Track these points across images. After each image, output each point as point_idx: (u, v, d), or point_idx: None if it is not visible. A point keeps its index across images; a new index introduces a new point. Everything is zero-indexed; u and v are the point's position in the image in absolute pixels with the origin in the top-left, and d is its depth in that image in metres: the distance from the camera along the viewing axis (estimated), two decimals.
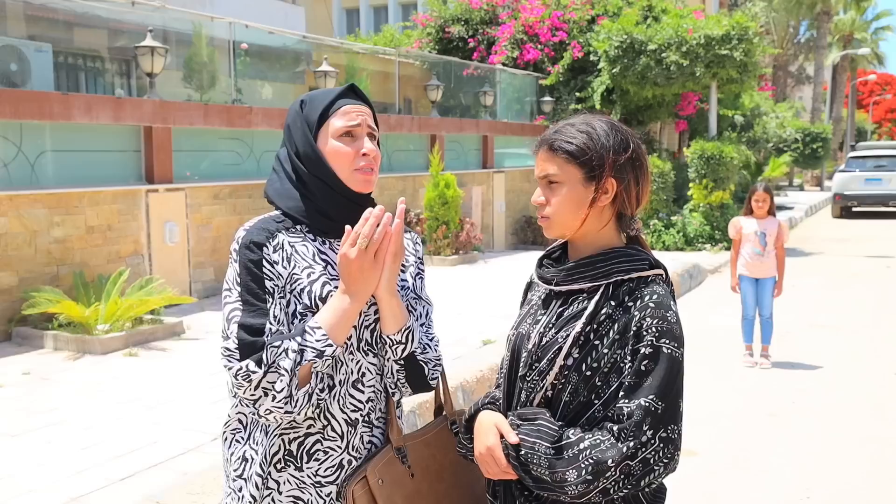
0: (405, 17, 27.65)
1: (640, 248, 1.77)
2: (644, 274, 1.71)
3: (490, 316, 7.66)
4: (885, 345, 7.62)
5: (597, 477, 1.57)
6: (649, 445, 1.58)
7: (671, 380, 1.62)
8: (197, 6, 13.52)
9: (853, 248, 15.24)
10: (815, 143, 28.60)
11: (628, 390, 1.62)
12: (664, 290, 1.71)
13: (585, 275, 1.73)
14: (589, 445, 1.60)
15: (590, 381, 1.68)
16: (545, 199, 1.76)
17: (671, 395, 1.62)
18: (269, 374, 1.67)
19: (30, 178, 7.37)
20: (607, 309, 1.69)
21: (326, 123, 1.83)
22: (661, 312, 1.65)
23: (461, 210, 12.22)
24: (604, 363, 1.67)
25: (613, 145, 1.71)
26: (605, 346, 1.67)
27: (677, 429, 1.62)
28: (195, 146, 9.02)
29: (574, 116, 1.80)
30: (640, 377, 1.62)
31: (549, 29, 16.70)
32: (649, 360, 1.63)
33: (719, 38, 14.23)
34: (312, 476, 1.81)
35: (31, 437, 4.50)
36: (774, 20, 38.02)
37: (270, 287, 1.75)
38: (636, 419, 1.58)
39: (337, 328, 1.72)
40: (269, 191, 1.88)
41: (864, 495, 4.33)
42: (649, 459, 1.58)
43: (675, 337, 1.65)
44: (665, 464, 1.59)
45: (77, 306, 6.64)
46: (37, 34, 10.14)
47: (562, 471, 1.60)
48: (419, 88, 15.11)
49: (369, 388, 1.84)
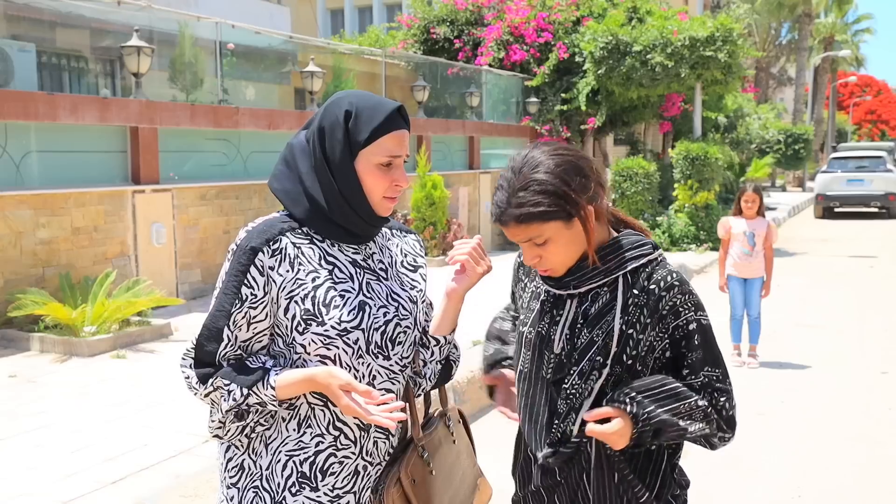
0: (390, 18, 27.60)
1: (633, 231, 1.84)
2: (653, 256, 1.80)
3: (479, 316, 7.64)
4: (871, 344, 7.68)
5: (732, 429, 1.81)
6: (733, 403, 1.79)
7: (715, 345, 1.80)
8: (182, 6, 13.44)
9: (836, 248, 15.36)
10: (798, 145, 28.77)
11: (692, 365, 1.77)
12: (672, 265, 1.81)
13: (599, 270, 1.78)
14: (705, 405, 1.77)
15: (631, 368, 1.76)
16: (538, 257, 1.77)
17: (720, 356, 1.81)
18: (208, 399, 1.75)
19: (15, 179, 7.30)
20: (632, 298, 1.76)
21: (371, 145, 1.76)
22: (688, 288, 1.78)
23: (448, 211, 12.22)
24: (641, 348, 1.75)
25: (570, 184, 1.71)
26: (638, 332, 1.75)
27: (730, 380, 1.83)
28: (182, 147, 8.97)
29: (514, 171, 1.76)
30: (696, 350, 1.77)
31: (534, 30, 16.72)
32: (698, 333, 1.77)
33: (704, 39, 14.31)
34: (329, 492, 1.78)
35: (20, 441, 4.46)
36: (756, 22, 38.25)
37: (246, 294, 1.73)
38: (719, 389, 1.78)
39: (287, 394, 1.73)
40: (277, 189, 1.82)
41: (855, 494, 4.36)
42: (734, 415, 1.80)
43: (702, 307, 1.81)
44: (735, 408, 1.81)
45: (63, 308, 6.59)
46: (20, 34, 10.05)
47: (690, 424, 1.75)
48: (405, 89, 15.09)
49: (380, 390, 1.81)
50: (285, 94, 13.98)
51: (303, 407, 1.78)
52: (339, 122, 1.76)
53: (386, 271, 1.87)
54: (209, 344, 1.74)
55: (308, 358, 1.76)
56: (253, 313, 1.74)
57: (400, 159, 1.80)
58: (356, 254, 1.83)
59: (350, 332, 1.75)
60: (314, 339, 1.74)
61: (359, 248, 1.84)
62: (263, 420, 1.78)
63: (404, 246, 1.97)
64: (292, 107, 13.34)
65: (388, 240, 1.95)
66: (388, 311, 1.81)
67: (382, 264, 1.88)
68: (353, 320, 1.75)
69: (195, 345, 1.76)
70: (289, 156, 1.81)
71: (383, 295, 1.82)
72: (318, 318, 1.73)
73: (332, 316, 1.74)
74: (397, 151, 1.78)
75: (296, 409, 1.78)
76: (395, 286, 1.87)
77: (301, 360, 1.77)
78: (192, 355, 1.76)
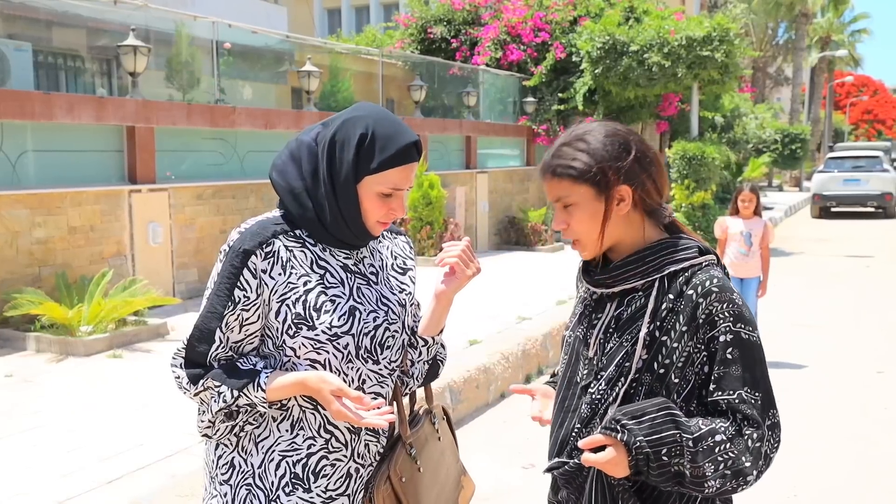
0: (387, 18, 27.60)
1: (685, 236, 1.72)
2: (697, 261, 1.66)
3: (476, 316, 7.66)
4: (868, 344, 7.70)
5: (736, 477, 1.56)
6: (765, 438, 1.58)
7: (759, 365, 1.61)
8: (179, 5, 13.42)
9: (833, 247, 15.39)
10: (794, 144, 28.83)
11: (719, 381, 1.59)
12: (721, 273, 1.65)
13: (636, 271, 1.68)
14: (723, 440, 1.56)
15: (664, 378, 1.62)
16: (565, 223, 1.72)
17: (764, 381, 1.61)
18: (198, 399, 1.77)
19: (11, 179, 7.29)
20: (667, 303, 1.64)
21: (378, 175, 1.76)
22: (728, 296, 1.61)
23: (445, 210, 12.22)
24: (676, 358, 1.62)
25: (613, 155, 1.66)
26: (673, 340, 1.62)
27: (777, 412, 1.62)
28: (178, 146, 8.96)
29: (568, 131, 1.75)
30: (728, 366, 1.59)
31: (531, 30, 16.72)
32: (732, 346, 1.59)
33: (700, 39, 14.31)
34: (322, 493, 1.79)
35: (16, 440, 4.45)
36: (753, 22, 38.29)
37: (239, 297, 1.74)
38: (749, 416, 1.57)
39: (277, 396, 1.74)
40: (279, 182, 1.81)
41: (851, 493, 4.37)
42: (767, 452, 1.59)
43: (749, 320, 1.62)
44: (776, 450, 1.60)
45: (60, 308, 6.58)
46: (16, 33, 10.04)
47: (702, 465, 1.54)
48: (402, 89, 15.09)
49: (370, 394, 1.82)
50: (282, 94, 13.98)
51: (294, 409, 1.79)
52: (352, 143, 1.74)
53: (376, 275, 1.88)
54: (200, 345, 1.75)
55: (298, 361, 1.77)
56: (245, 315, 1.75)
57: (402, 191, 1.80)
58: (347, 259, 1.84)
59: (340, 336, 1.76)
60: (304, 342, 1.75)
61: (350, 252, 1.85)
62: (252, 420, 1.79)
63: (395, 248, 1.98)
64: (289, 106, 13.33)
65: (379, 242, 1.95)
66: (377, 316, 1.82)
67: (373, 268, 1.89)
68: (344, 325, 1.76)
69: (186, 345, 1.77)
70: (296, 152, 1.80)
71: (373, 300, 1.83)
72: (309, 322, 1.74)
73: (323, 321, 1.74)
74: (402, 185, 1.78)
75: (288, 411, 1.79)
76: (384, 290, 1.88)
77: (291, 362, 1.78)
78: (183, 355, 1.77)
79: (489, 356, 6.15)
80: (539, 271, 11.22)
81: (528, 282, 10.21)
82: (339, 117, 1.79)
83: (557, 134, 16.25)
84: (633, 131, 1.76)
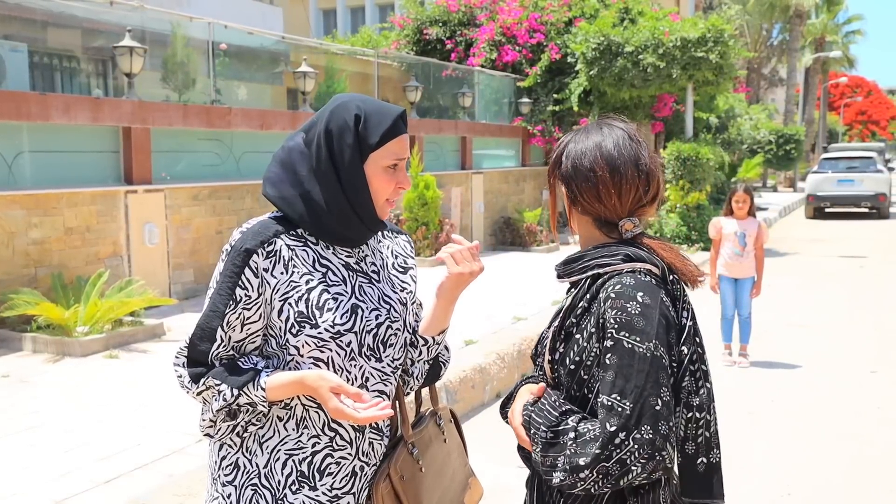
0: (382, 19, 27.61)
1: (628, 244, 1.74)
2: (619, 267, 1.68)
3: (472, 316, 7.68)
4: (861, 343, 7.74)
5: (573, 473, 1.57)
6: (623, 447, 1.54)
7: (635, 376, 1.57)
8: (174, 6, 13.43)
9: (827, 248, 15.44)
10: (789, 145, 28.90)
11: (598, 384, 1.62)
12: (632, 280, 1.65)
13: (575, 268, 1.76)
14: (575, 437, 1.59)
15: (575, 374, 1.69)
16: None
17: (636, 392, 1.56)
18: (200, 399, 1.78)
19: (7, 180, 7.29)
20: (584, 303, 1.70)
21: (381, 149, 1.79)
22: (621, 303, 1.62)
23: (440, 211, 12.24)
24: (585, 356, 1.67)
25: (557, 154, 1.81)
26: (584, 339, 1.68)
27: (652, 429, 1.54)
28: (174, 147, 8.97)
29: (592, 124, 1.86)
30: (605, 371, 1.60)
31: (526, 31, 16.75)
32: (611, 353, 1.60)
33: (695, 40, 14.36)
34: (328, 492, 1.81)
35: (14, 440, 4.46)
36: (748, 23, 38.39)
37: (240, 295, 1.75)
38: (602, 419, 1.57)
39: (277, 396, 1.76)
40: (273, 195, 1.82)
41: (844, 492, 4.40)
42: (625, 460, 1.54)
43: (637, 329, 1.59)
44: (643, 464, 1.54)
45: (56, 308, 6.58)
46: (12, 34, 10.03)
47: (553, 456, 1.61)
48: (398, 90, 15.10)
49: (373, 392, 1.84)
50: (278, 95, 13.98)
51: (297, 408, 1.81)
52: (349, 125, 1.78)
53: (378, 273, 1.90)
54: (202, 343, 1.76)
55: (301, 360, 1.78)
56: (247, 314, 1.76)
57: (404, 161, 1.84)
58: (349, 257, 1.86)
59: (343, 334, 1.77)
60: (308, 341, 1.76)
61: (352, 251, 1.86)
62: (255, 420, 1.80)
63: (395, 247, 1.99)
64: (285, 107, 13.34)
65: (379, 241, 1.97)
66: (380, 314, 1.84)
67: (375, 266, 1.90)
68: (346, 323, 1.78)
69: (188, 344, 1.78)
70: (286, 159, 1.82)
71: (375, 298, 1.85)
72: (312, 320, 1.76)
73: (326, 319, 1.76)
74: (403, 154, 1.82)
75: (292, 410, 1.81)
76: (386, 289, 1.89)
77: (294, 361, 1.79)
78: (185, 354, 1.79)
79: (485, 356, 6.17)
80: (534, 272, 11.24)
81: (524, 282, 10.23)
82: (323, 113, 1.82)
83: (552, 135, 16.36)
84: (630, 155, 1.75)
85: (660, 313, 1.63)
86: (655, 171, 1.77)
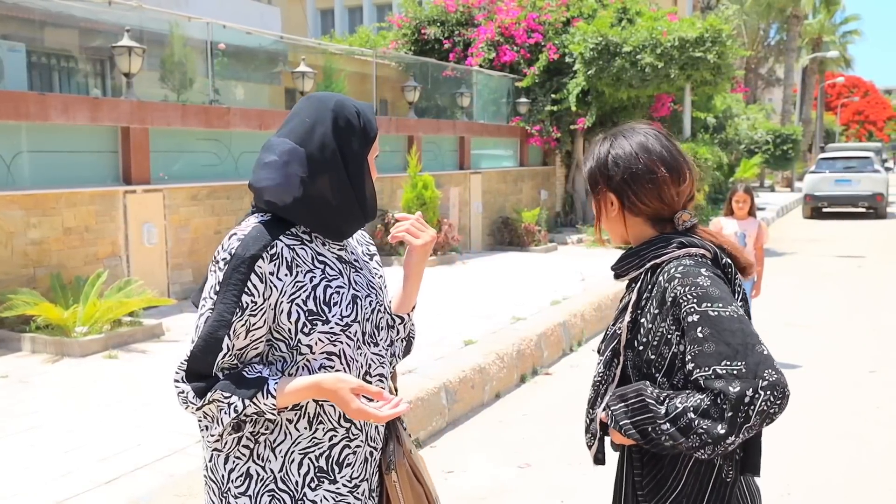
0: (380, 18, 27.62)
1: (681, 234, 1.85)
2: (675, 254, 1.80)
3: (470, 316, 7.68)
4: (860, 343, 7.75)
5: (717, 443, 1.64)
6: (756, 400, 1.62)
7: (736, 335, 1.66)
8: (173, 6, 13.42)
9: (824, 248, 15.46)
10: (786, 145, 28.93)
11: (695, 359, 1.67)
12: (692, 262, 1.77)
13: (632, 264, 1.87)
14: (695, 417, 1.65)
15: (643, 354, 1.80)
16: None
17: (742, 349, 1.65)
18: (205, 414, 1.75)
19: (6, 180, 7.28)
20: (646, 292, 1.82)
21: (374, 141, 1.90)
22: (691, 280, 1.73)
23: (439, 211, 12.24)
24: (651, 337, 1.78)
25: (601, 166, 1.88)
26: (648, 321, 1.79)
27: (773, 370, 1.64)
28: (173, 147, 8.96)
29: (620, 128, 1.93)
30: (701, 344, 1.67)
31: (524, 31, 16.75)
32: (700, 325, 1.68)
33: (693, 40, 14.38)
34: (348, 482, 1.85)
35: (13, 441, 4.46)
36: (746, 23, 38.41)
37: (247, 302, 1.74)
38: (721, 387, 1.63)
39: (290, 402, 1.76)
40: (277, 202, 1.79)
41: (843, 491, 4.41)
42: (764, 410, 1.63)
43: (715, 297, 1.70)
44: (779, 405, 1.64)
45: (55, 308, 6.58)
46: (10, 33, 10.03)
47: (690, 438, 1.66)
48: (396, 90, 15.10)
49: (376, 377, 1.91)
50: (276, 95, 13.99)
51: (309, 405, 1.82)
52: (353, 121, 1.85)
53: (358, 262, 1.96)
54: (207, 355, 1.73)
55: (313, 357, 1.80)
56: (252, 321, 1.76)
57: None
58: (340, 250, 1.91)
59: (350, 325, 1.83)
60: (321, 337, 1.79)
61: (342, 244, 1.93)
62: (264, 428, 1.81)
63: (359, 237, 2.07)
64: (283, 107, 13.34)
65: None
66: (372, 301, 1.92)
67: (354, 256, 1.96)
68: (351, 314, 1.84)
69: (189, 357, 1.74)
70: (279, 159, 1.79)
71: (364, 285, 1.92)
72: (322, 316, 1.79)
73: (335, 313, 1.80)
74: (377, 150, 1.94)
75: (303, 409, 1.82)
76: (369, 276, 1.97)
77: (305, 361, 1.80)
78: (185, 368, 1.75)
79: (484, 356, 6.17)
80: (533, 272, 11.25)
81: (522, 282, 10.24)
82: (319, 112, 1.82)
83: (550, 135, 16.37)
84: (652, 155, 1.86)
85: (724, 284, 1.77)
86: (689, 160, 1.92)
